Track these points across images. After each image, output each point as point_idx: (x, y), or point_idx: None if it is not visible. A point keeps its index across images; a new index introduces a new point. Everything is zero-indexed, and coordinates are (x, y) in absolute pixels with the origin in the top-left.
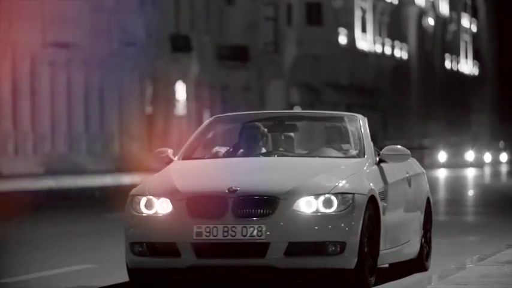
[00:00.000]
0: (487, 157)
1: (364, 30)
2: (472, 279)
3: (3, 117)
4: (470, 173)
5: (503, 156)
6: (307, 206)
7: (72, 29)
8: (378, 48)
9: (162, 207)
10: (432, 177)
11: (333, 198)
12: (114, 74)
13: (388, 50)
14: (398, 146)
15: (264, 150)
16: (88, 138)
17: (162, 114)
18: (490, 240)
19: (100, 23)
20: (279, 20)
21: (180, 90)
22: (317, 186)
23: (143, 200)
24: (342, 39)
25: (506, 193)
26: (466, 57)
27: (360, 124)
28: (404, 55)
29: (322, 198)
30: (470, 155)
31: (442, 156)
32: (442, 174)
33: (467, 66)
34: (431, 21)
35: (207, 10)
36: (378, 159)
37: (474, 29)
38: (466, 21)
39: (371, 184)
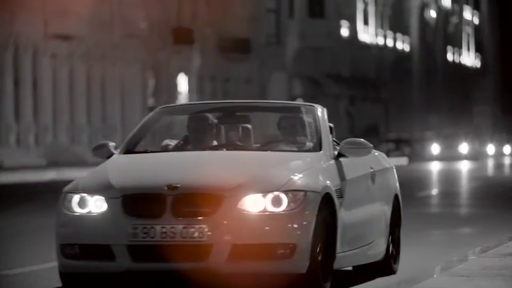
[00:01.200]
0: (490, 149)
1: (366, 22)
2: (474, 271)
3: (5, 109)
4: (464, 165)
5: (507, 149)
6: (254, 204)
7: (74, 21)
8: (380, 41)
9: (96, 205)
10: (425, 170)
11: (283, 196)
12: (116, 66)
13: (390, 42)
14: (360, 139)
15: (215, 143)
16: (90, 130)
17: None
18: (492, 233)
19: (102, 15)
20: (281, 12)
21: (182, 82)
22: (265, 183)
23: (76, 198)
24: (344, 32)
25: (509, 185)
26: (468, 49)
27: (318, 115)
28: (406, 47)
29: (270, 196)
30: (464, 147)
31: (435, 148)
32: (435, 167)
33: (469, 59)
34: (433, 13)
35: (209, 2)
36: (336, 153)
37: (476, 21)
38: (468, 14)
39: (326, 180)
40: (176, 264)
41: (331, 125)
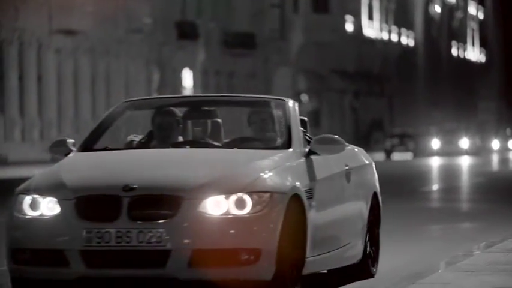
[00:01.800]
0: (495, 144)
1: (370, 17)
2: (479, 266)
3: (10, 104)
4: (466, 161)
5: None
6: (216, 206)
7: (78, 16)
8: (385, 36)
9: (49, 207)
10: (429, 165)
11: (247, 197)
12: (120, 61)
13: (394, 37)
14: (332, 136)
15: (181, 139)
16: (94, 125)
17: None
18: (497, 228)
19: (106, 10)
20: (286, 7)
21: (187, 77)
22: (228, 183)
23: (27, 199)
24: (349, 27)
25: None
26: (473, 44)
27: (288, 110)
28: (411, 42)
29: (233, 197)
30: (464, 142)
31: (435, 143)
32: (436, 162)
33: (474, 54)
34: (437, 8)
35: None
36: (307, 150)
37: (481, 16)
38: (472, 9)
39: (295, 180)
40: (132, 270)
41: (305, 119)
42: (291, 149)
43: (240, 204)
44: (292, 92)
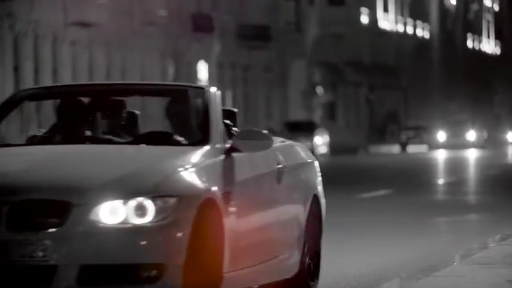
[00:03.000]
0: (510, 136)
1: (386, 9)
2: (494, 258)
3: None
4: (475, 153)
5: None
6: (112, 214)
7: (93, 8)
8: (400, 28)
9: None
10: (443, 158)
11: (149, 203)
12: (135, 54)
13: (410, 30)
14: (257, 130)
15: (89, 133)
16: None
17: None
18: (510, 219)
19: (122, 3)
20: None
21: (202, 69)
22: (127, 185)
23: None
24: (364, 19)
25: None
26: (488, 36)
27: (208, 100)
28: (426, 34)
29: (133, 203)
30: (471, 135)
31: (441, 136)
32: (441, 155)
33: (489, 46)
34: (453, 0)
35: None
36: (228, 147)
37: (496, 8)
38: (488, 0)
39: (211, 182)
40: None
41: (235, 110)
42: (208, 145)
43: (141, 210)
44: (308, 84)
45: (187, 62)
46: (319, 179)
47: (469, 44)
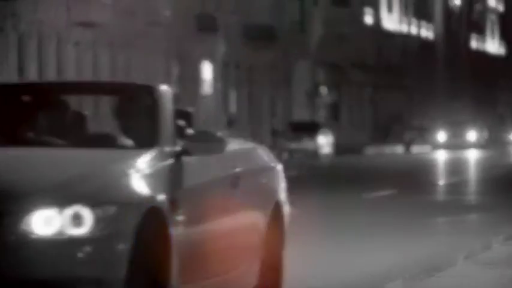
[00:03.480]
0: None
1: (390, 10)
2: (498, 259)
3: None
4: (477, 154)
5: None
6: (46, 223)
7: (97, 8)
8: (404, 28)
9: None
10: (436, 158)
11: (87, 211)
12: (139, 54)
13: (414, 30)
14: (210, 132)
15: (31, 135)
16: None
17: (189, 94)
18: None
19: (126, 3)
20: (305, 0)
21: (206, 69)
22: (63, 192)
23: None
24: (368, 19)
25: None
26: (493, 37)
27: (157, 99)
28: (431, 35)
29: (69, 211)
30: (472, 135)
31: (441, 136)
32: (442, 155)
33: (493, 46)
34: (457, 0)
35: None
36: (178, 150)
37: (501, 8)
38: (492, 1)
39: (156, 188)
40: None
41: (191, 110)
42: (156, 149)
43: (77, 220)
44: (312, 84)
45: (192, 62)
46: (283, 184)
47: (473, 44)
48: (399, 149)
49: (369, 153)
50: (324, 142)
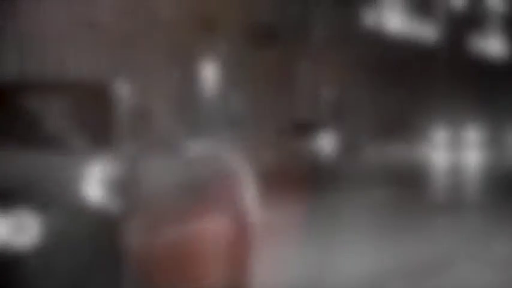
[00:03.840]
0: None
1: (392, 10)
2: (499, 259)
3: None
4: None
5: None
6: None
7: (98, 8)
8: (406, 29)
9: None
10: (436, 158)
11: (31, 220)
12: (141, 54)
13: (416, 30)
14: (170, 135)
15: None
16: None
17: (190, 94)
18: None
19: (127, 2)
20: (308, 0)
21: (209, 69)
22: (5, 199)
23: None
24: (370, 20)
25: None
26: (496, 39)
27: (112, 98)
28: (432, 36)
29: (13, 219)
30: (472, 135)
31: (442, 136)
32: (441, 155)
33: (496, 48)
34: (460, 2)
35: None
36: (135, 152)
37: (504, 9)
38: (495, 1)
39: (106, 195)
40: None
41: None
42: (109, 152)
43: (22, 228)
44: (315, 84)
45: (194, 62)
46: (250, 193)
47: (477, 45)
48: (400, 148)
49: (370, 152)
50: (326, 142)
